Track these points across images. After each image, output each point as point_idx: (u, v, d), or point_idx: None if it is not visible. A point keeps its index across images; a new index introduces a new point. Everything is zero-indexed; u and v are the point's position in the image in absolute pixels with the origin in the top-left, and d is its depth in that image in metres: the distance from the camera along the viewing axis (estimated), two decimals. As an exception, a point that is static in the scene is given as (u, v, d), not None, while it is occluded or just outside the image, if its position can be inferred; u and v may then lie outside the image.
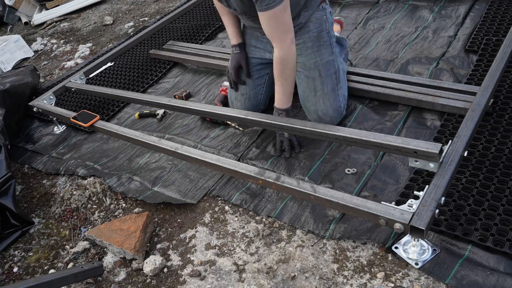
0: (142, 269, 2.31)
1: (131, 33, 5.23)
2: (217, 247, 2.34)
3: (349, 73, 3.08)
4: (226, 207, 2.55)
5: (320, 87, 2.75)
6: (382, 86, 2.94)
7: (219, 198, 2.62)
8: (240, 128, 3.07)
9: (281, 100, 2.67)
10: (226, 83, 3.44)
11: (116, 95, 3.41)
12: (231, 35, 2.90)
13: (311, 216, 2.34)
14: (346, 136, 2.27)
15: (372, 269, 2.04)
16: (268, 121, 2.55)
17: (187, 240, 2.43)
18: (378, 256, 2.09)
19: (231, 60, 2.93)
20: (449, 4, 3.89)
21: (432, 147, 2.02)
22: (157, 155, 3.07)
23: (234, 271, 2.20)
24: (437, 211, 1.84)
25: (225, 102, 3.37)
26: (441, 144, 2.02)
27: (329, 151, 2.72)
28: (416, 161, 2.09)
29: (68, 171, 3.12)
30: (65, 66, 4.90)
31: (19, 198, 3.06)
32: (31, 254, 2.63)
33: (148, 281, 2.27)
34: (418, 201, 1.88)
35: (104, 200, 2.83)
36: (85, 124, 3.13)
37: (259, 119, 2.58)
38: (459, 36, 3.46)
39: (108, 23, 5.74)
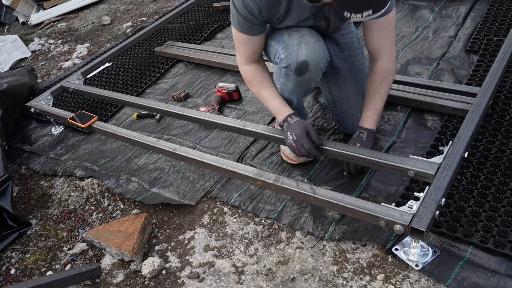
0: (140, 271, 2.31)
1: (129, 33, 5.23)
2: (215, 249, 2.34)
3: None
4: (225, 209, 2.55)
5: (362, 90, 2.61)
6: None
7: (218, 200, 2.62)
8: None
9: (370, 118, 2.45)
10: (221, 84, 3.45)
11: (114, 98, 3.42)
12: (280, 105, 2.37)
13: (311, 218, 2.34)
14: (343, 153, 2.30)
15: (372, 271, 2.04)
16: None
17: (185, 242, 2.43)
18: (378, 258, 2.09)
19: (293, 131, 2.28)
20: (450, 4, 3.89)
21: (429, 167, 2.04)
22: (155, 156, 3.07)
23: (233, 273, 2.20)
24: (437, 212, 1.84)
25: (221, 103, 3.38)
26: (438, 164, 2.04)
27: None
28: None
29: (66, 172, 3.12)
30: (63, 67, 4.90)
31: (17, 199, 3.06)
32: (28, 255, 2.63)
33: (146, 283, 2.26)
34: (418, 202, 1.89)
35: (102, 201, 2.83)
36: (83, 125, 3.13)
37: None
38: (459, 36, 3.46)
39: (106, 23, 5.74)
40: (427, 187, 1.94)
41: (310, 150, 2.26)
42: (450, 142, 2.13)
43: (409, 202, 1.90)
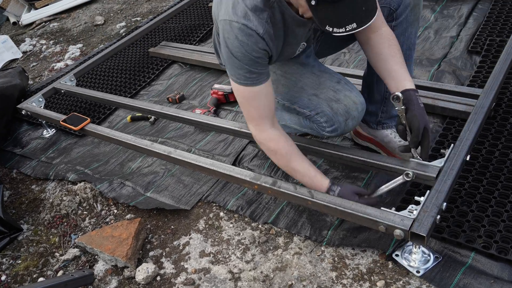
0: (134, 277, 2.31)
1: (123, 34, 5.24)
2: (211, 255, 2.35)
3: (347, 75, 3.09)
4: (221, 213, 2.55)
5: None
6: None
7: (214, 204, 2.62)
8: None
9: (410, 76, 2.11)
10: (217, 86, 3.45)
11: (107, 100, 3.42)
12: (316, 175, 2.15)
13: (308, 222, 2.34)
14: (342, 155, 2.30)
15: (372, 277, 2.04)
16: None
17: (180, 248, 2.43)
18: (378, 264, 2.09)
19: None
20: (451, 3, 3.91)
21: (430, 170, 2.04)
22: (149, 160, 3.07)
23: (229, 280, 2.20)
24: (438, 217, 1.85)
25: (217, 105, 3.38)
26: (439, 167, 2.04)
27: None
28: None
29: (58, 176, 3.12)
30: (55, 68, 4.90)
31: (7, 203, 3.05)
32: (19, 261, 2.63)
33: (140, 290, 2.27)
34: (419, 207, 1.89)
35: (95, 206, 2.83)
36: (75, 128, 3.13)
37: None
38: (461, 36, 3.47)
39: (99, 23, 5.74)
40: (428, 191, 1.95)
41: (369, 204, 2.06)
42: (452, 145, 2.14)
43: (410, 207, 1.90)
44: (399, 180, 2.06)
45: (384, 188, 2.11)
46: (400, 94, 1.94)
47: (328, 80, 2.25)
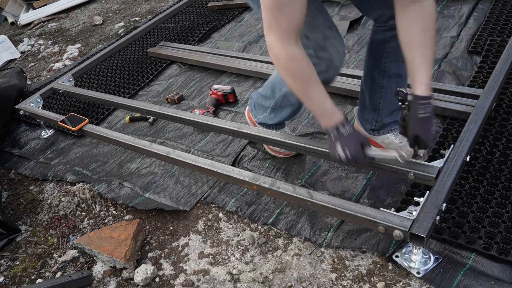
0: (133, 279, 2.31)
1: (122, 34, 5.24)
2: (210, 256, 2.35)
3: (346, 75, 3.10)
4: (220, 214, 2.56)
5: None
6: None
7: (213, 205, 2.62)
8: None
9: (428, 78, 1.95)
10: (217, 86, 3.45)
11: (106, 100, 3.42)
12: (332, 108, 2.00)
13: (308, 224, 2.34)
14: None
15: (372, 279, 2.04)
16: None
17: (179, 249, 2.43)
18: (378, 265, 2.10)
19: (347, 145, 2.00)
20: (452, 3, 3.91)
21: (430, 170, 2.04)
22: (148, 160, 3.07)
23: (229, 281, 2.20)
24: (438, 217, 1.85)
25: (216, 105, 3.38)
26: (438, 168, 2.03)
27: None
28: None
29: (56, 177, 3.12)
30: (53, 68, 4.90)
31: (5, 204, 3.06)
32: (17, 263, 2.63)
33: (139, 291, 2.27)
34: (418, 208, 1.89)
35: (94, 207, 2.83)
36: (73, 128, 3.13)
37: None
38: (462, 36, 3.47)
39: (97, 23, 5.74)
40: (428, 192, 1.95)
41: (362, 165, 2.09)
42: (452, 145, 2.14)
43: (409, 207, 1.91)
44: (392, 156, 2.03)
45: (377, 155, 2.09)
46: (403, 90, 1.92)
47: (322, 24, 2.09)
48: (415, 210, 1.88)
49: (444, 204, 1.90)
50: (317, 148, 2.35)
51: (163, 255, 2.42)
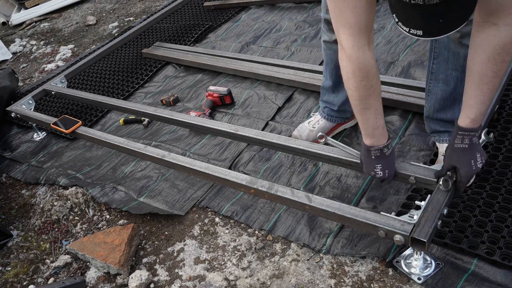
0: (127, 285, 2.31)
1: (116, 34, 5.24)
2: (206, 261, 2.34)
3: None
4: (217, 219, 2.55)
5: None
6: (382, 91, 2.95)
7: (209, 209, 2.62)
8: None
9: (476, 113, 1.83)
10: (213, 87, 3.44)
11: (99, 102, 3.41)
12: (384, 127, 2.00)
13: (307, 229, 2.34)
14: (341, 158, 2.29)
15: (372, 285, 2.04)
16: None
17: (175, 254, 2.43)
18: (378, 271, 2.09)
19: (387, 167, 2.06)
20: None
21: (430, 174, 2.04)
22: (143, 164, 3.07)
23: (225, 287, 2.19)
24: (439, 222, 1.85)
25: (213, 107, 3.38)
26: (440, 170, 2.02)
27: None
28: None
29: (49, 181, 3.11)
30: (45, 69, 4.89)
31: (-4, 209, 3.06)
32: (9, 269, 2.62)
33: (133, 298, 2.27)
34: (419, 212, 1.89)
35: (87, 211, 2.83)
36: (66, 131, 3.12)
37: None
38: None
39: (91, 23, 5.74)
40: (429, 195, 1.94)
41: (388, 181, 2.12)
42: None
43: (410, 211, 1.90)
44: (347, 148, 2.16)
45: (335, 143, 2.21)
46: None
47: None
48: (416, 214, 1.88)
49: (446, 208, 1.89)
50: (315, 151, 2.35)
51: (158, 261, 2.42)
